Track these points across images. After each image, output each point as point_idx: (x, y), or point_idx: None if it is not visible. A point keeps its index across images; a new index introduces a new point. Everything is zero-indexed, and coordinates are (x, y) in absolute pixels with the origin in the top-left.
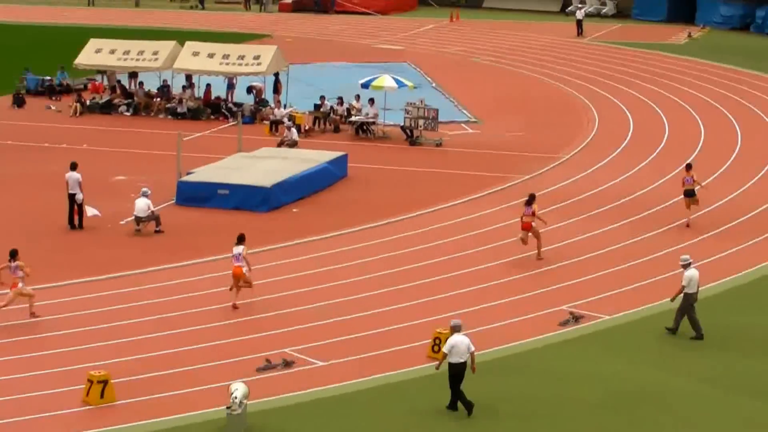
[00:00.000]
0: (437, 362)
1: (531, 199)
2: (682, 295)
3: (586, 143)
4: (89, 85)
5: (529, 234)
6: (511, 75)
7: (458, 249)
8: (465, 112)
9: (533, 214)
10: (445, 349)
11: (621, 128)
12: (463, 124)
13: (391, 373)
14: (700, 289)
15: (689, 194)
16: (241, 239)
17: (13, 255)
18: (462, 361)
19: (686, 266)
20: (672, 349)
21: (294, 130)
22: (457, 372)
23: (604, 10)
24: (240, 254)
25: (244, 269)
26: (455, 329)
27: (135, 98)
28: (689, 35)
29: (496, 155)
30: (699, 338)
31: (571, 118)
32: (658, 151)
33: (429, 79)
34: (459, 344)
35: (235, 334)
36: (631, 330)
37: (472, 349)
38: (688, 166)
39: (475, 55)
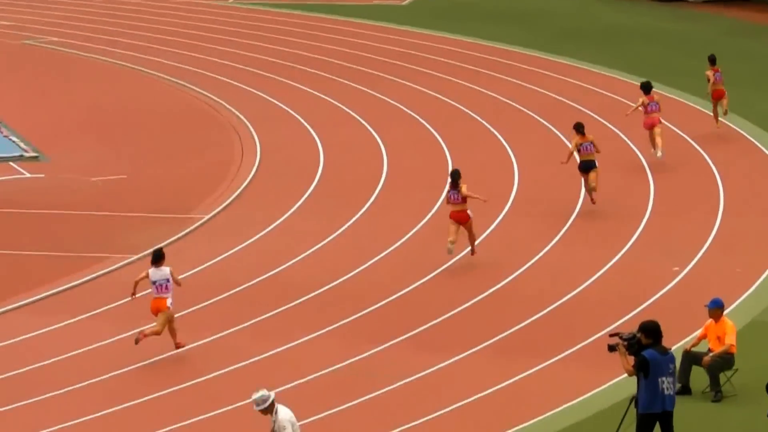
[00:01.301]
0: None
1: (456, 177)
2: None
3: (240, 191)
4: None
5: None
6: (95, 67)
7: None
8: (16, 141)
9: (464, 199)
10: None
11: (303, 159)
12: (12, 164)
13: None
14: None
15: (588, 166)
16: (159, 256)
17: None
18: None
19: (269, 409)
20: None
21: None
22: None
23: None
24: (168, 280)
25: (169, 301)
26: None
27: None
28: None
29: (74, 218)
30: None
31: (211, 145)
32: (373, 198)
33: None
34: None
35: None
36: None
37: None
38: (580, 127)
39: (29, 33)
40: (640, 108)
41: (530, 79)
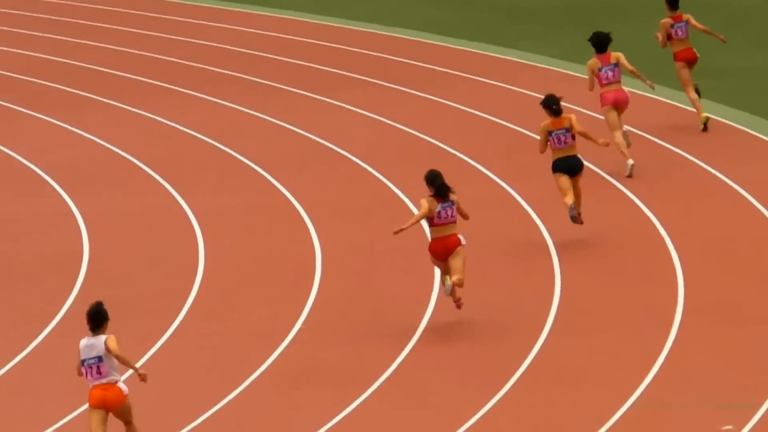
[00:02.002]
0: None
1: (442, 183)
2: None
3: None
4: None
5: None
6: None
7: None
8: None
9: (453, 216)
10: None
11: (54, 246)
12: None
13: None
14: None
15: (570, 166)
16: (99, 318)
17: None
18: None
19: None
20: None
21: None
22: None
23: None
24: (101, 357)
25: (123, 387)
26: None
27: None
28: None
29: None
30: None
31: None
32: (180, 318)
33: None
34: None
35: None
36: None
37: None
38: (551, 103)
39: None
40: (594, 79)
41: (462, 92)
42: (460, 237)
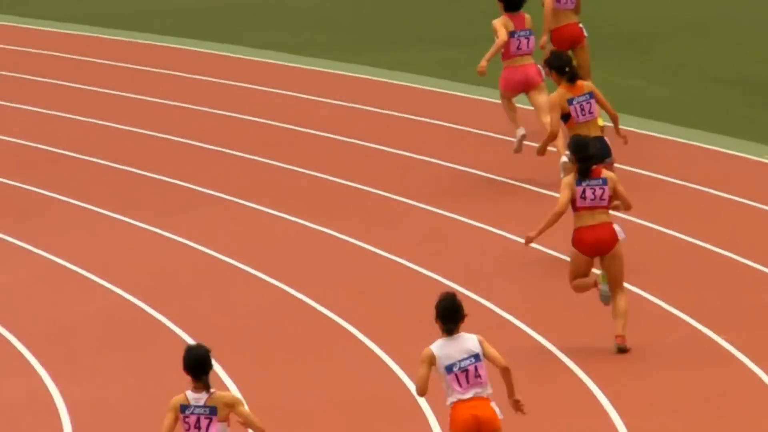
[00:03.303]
0: None
1: (587, 155)
2: None
3: None
4: None
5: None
6: None
7: None
8: None
9: (604, 199)
10: None
11: None
12: None
13: None
14: None
15: (599, 148)
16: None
17: None
18: None
19: None
20: None
21: None
22: None
23: None
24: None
25: None
26: None
27: None
28: None
29: None
30: None
31: None
32: None
33: None
34: None
35: None
36: None
37: None
38: (563, 64)
39: None
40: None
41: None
42: (617, 228)
